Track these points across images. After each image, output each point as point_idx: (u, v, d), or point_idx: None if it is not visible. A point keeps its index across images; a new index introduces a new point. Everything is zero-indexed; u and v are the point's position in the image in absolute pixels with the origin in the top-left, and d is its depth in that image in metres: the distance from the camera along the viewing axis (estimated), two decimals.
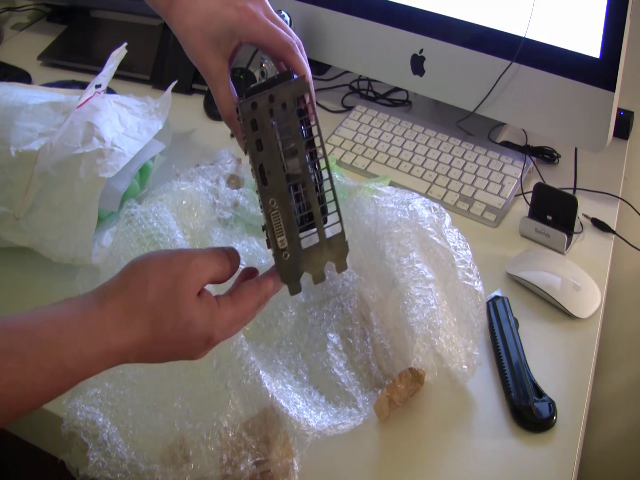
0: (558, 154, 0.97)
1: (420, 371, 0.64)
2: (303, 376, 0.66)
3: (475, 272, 0.67)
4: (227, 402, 0.59)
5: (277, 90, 0.48)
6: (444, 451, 0.64)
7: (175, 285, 0.46)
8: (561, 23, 0.82)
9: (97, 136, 0.77)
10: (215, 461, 0.58)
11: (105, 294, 0.46)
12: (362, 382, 0.66)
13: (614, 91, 0.80)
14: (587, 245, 0.85)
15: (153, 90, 1.12)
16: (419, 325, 0.63)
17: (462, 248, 0.69)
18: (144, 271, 0.47)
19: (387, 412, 0.63)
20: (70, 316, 0.44)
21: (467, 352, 0.65)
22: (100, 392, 0.63)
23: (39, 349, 0.42)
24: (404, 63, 0.97)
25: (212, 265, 0.49)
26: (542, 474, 0.62)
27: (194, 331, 0.47)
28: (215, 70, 0.54)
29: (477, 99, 0.92)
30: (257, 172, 0.49)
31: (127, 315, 0.45)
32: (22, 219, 0.75)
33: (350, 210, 0.73)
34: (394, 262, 0.67)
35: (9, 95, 0.85)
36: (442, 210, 0.72)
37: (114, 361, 0.45)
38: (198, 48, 0.53)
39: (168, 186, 0.76)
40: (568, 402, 0.67)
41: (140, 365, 0.64)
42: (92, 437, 0.60)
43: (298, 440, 0.59)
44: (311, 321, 0.69)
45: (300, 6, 1.02)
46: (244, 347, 0.61)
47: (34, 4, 1.34)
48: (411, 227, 0.69)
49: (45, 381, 0.42)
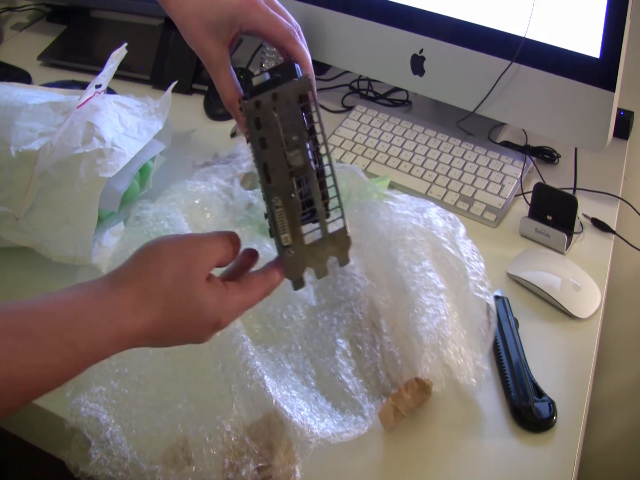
0: (558, 154, 0.97)
1: (427, 381, 0.63)
2: (310, 381, 0.65)
3: (487, 286, 0.67)
4: (230, 406, 0.59)
5: (281, 89, 0.48)
6: (448, 457, 0.63)
7: (188, 270, 0.47)
8: (561, 23, 0.82)
9: (97, 136, 0.77)
10: (217, 465, 0.57)
11: (119, 279, 0.46)
12: (370, 389, 0.65)
13: (614, 91, 0.80)
14: (587, 245, 0.85)
15: (153, 90, 1.12)
16: (428, 334, 0.63)
17: (475, 260, 0.68)
18: (158, 255, 0.47)
19: (393, 421, 0.62)
20: (84, 300, 0.44)
21: (475, 366, 0.64)
22: (105, 389, 0.63)
23: (54, 333, 0.42)
24: (404, 63, 0.97)
25: (218, 249, 0.49)
26: (542, 474, 0.62)
27: (204, 316, 0.48)
28: (215, 56, 0.54)
29: (477, 99, 0.92)
30: (262, 170, 0.49)
31: (142, 299, 0.45)
32: (22, 219, 0.75)
33: (365, 215, 0.72)
34: (405, 270, 0.67)
35: (9, 95, 0.85)
36: (456, 221, 0.71)
37: (127, 345, 0.46)
38: (197, 34, 0.53)
39: (181, 185, 0.76)
40: (568, 402, 0.67)
41: (146, 365, 0.64)
42: (94, 434, 0.60)
43: (301, 446, 0.58)
44: (321, 325, 0.69)
45: (300, 6, 1.02)
46: (249, 352, 0.61)
47: (34, 4, 1.34)
48: (425, 235, 0.68)
49: (59, 364, 0.42)
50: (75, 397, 0.63)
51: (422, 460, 0.63)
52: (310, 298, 0.71)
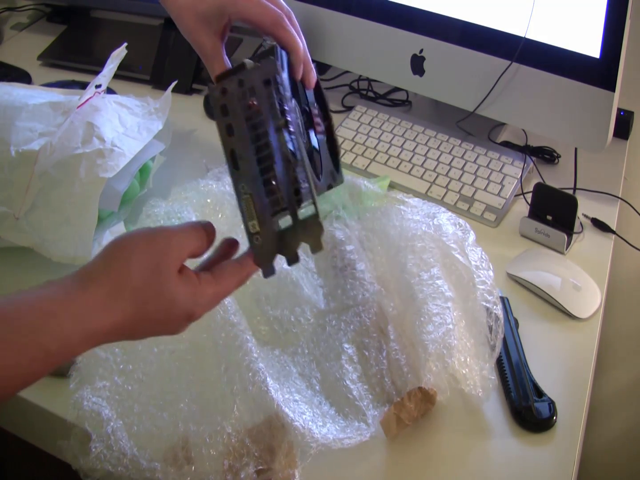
0: (558, 154, 0.97)
1: (430, 391, 0.62)
2: (315, 385, 0.65)
3: (495, 295, 0.66)
4: (232, 408, 0.59)
5: (246, 75, 0.48)
6: (449, 460, 0.63)
7: (158, 265, 0.46)
8: (561, 23, 0.82)
9: (97, 136, 0.77)
10: (216, 465, 0.57)
11: (88, 276, 0.46)
12: (374, 396, 0.64)
13: (614, 91, 0.80)
14: (587, 245, 0.85)
15: (153, 90, 1.12)
16: (433, 343, 0.62)
17: (484, 268, 0.68)
18: (128, 251, 0.47)
19: (395, 430, 0.61)
20: (53, 300, 0.44)
21: (482, 376, 0.63)
22: (109, 385, 0.63)
23: (20, 335, 0.42)
24: (404, 63, 0.97)
25: (191, 240, 0.49)
26: (542, 474, 0.62)
27: (175, 310, 0.47)
28: (209, 47, 0.56)
29: (477, 99, 0.92)
30: (228, 156, 0.49)
31: (111, 297, 0.45)
32: (22, 219, 0.75)
33: (378, 219, 0.72)
34: (414, 276, 0.66)
35: (9, 95, 0.85)
36: (467, 227, 0.71)
37: (97, 342, 0.45)
38: (191, 27, 0.55)
39: (194, 184, 0.76)
40: (568, 402, 0.67)
41: (150, 363, 0.64)
42: (96, 428, 0.60)
43: (301, 451, 0.58)
44: (329, 329, 0.68)
45: (300, 6, 1.02)
46: (253, 353, 0.61)
47: (34, 4, 1.34)
48: (434, 242, 0.68)
49: (28, 364, 0.42)
50: (78, 390, 0.63)
51: (423, 468, 0.62)
52: (319, 301, 0.70)
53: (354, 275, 0.70)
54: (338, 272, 0.72)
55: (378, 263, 0.71)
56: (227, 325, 0.64)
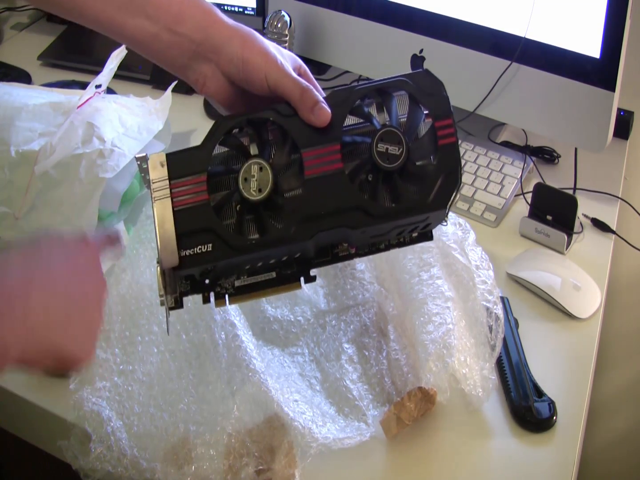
0: (558, 154, 0.97)
1: (430, 391, 0.62)
2: (315, 385, 0.65)
3: (495, 294, 0.66)
4: (232, 408, 0.59)
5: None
6: (449, 461, 0.63)
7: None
8: (561, 23, 0.82)
9: (97, 136, 0.77)
10: (217, 466, 0.57)
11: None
12: (374, 396, 0.64)
13: (614, 91, 0.80)
14: (587, 245, 0.85)
15: (153, 90, 1.12)
16: (433, 343, 0.62)
17: (484, 268, 0.68)
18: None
19: (395, 429, 0.61)
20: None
21: (482, 376, 0.63)
22: (109, 385, 0.64)
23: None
24: (404, 63, 0.97)
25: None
26: (542, 474, 0.62)
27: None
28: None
29: (477, 99, 0.92)
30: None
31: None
32: (22, 219, 0.75)
33: None
34: (414, 276, 0.66)
35: (9, 95, 0.85)
36: (467, 227, 0.71)
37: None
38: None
39: None
40: (568, 402, 0.67)
41: (150, 364, 0.64)
42: (96, 428, 0.60)
43: (301, 451, 0.58)
44: (329, 329, 0.68)
45: (300, 6, 1.02)
46: (253, 354, 0.61)
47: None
48: (434, 242, 0.67)
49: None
50: (78, 390, 0.63)
51: (423, 468, 0.62)
52: (319, 301, 0.70)
53: (354, 275, 0.70)
54: (338, 272, 0.72)
55: (378, 263, 0.70)
56: (227, 325, 0.64)
